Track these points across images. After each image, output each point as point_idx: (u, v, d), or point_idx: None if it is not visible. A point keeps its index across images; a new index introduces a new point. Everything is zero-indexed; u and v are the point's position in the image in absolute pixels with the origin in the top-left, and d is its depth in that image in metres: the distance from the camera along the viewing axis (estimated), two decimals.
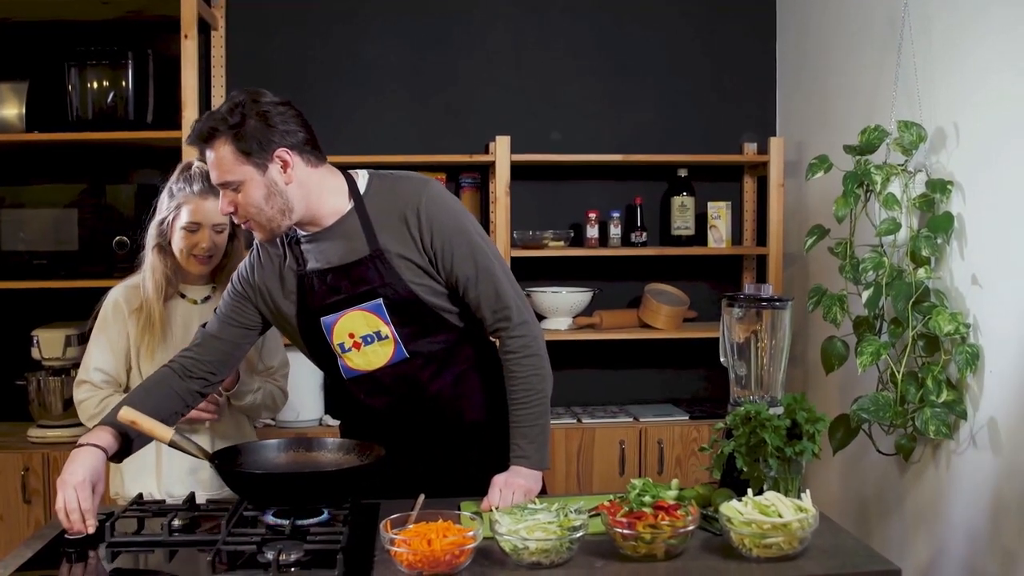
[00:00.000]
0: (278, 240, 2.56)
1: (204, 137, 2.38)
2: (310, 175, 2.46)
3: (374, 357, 2.56)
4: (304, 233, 2.53)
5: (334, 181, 2.53)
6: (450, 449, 2.68)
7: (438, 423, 2.63)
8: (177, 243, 2.87)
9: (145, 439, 2.50)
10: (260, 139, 2.36)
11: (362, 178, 2.57)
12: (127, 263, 3.73)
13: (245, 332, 2.65)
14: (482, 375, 2.67)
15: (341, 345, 2.56)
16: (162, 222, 2.88)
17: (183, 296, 2.97)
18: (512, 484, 2.45)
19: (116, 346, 2.91)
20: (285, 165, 2.40)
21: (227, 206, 2.43)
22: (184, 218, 2.85)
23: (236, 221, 2.48)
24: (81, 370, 2.94)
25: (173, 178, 2.91)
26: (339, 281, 2.51)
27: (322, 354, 2.63)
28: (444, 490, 2.54)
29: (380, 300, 2.50)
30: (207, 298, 2.99)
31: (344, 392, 2.68)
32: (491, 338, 2.64)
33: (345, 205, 2.52)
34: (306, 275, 2.54)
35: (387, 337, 2.53)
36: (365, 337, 2.54)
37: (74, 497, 2.28)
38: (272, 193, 2.40)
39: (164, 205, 2.89)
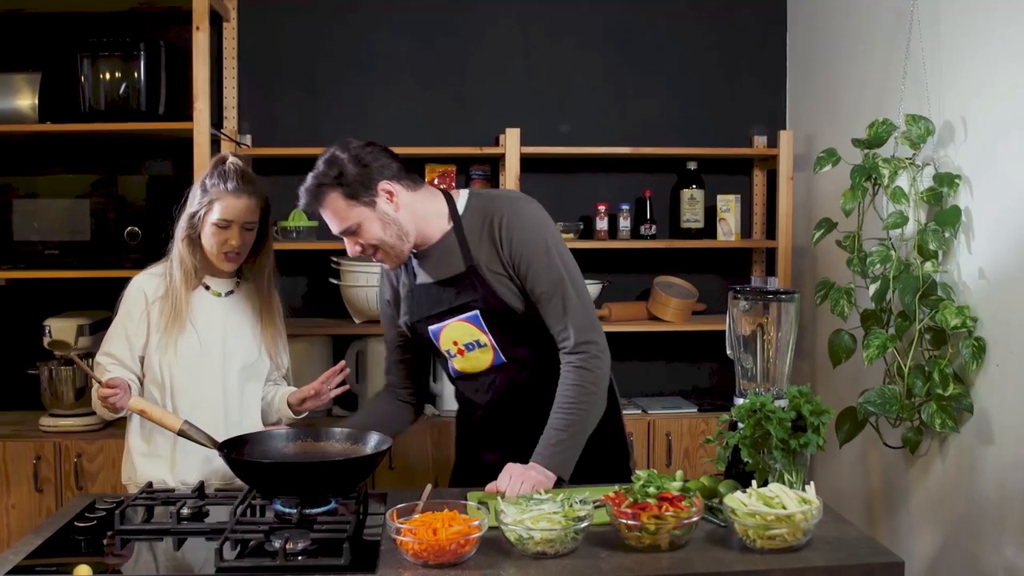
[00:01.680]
0: None
1: (312, 199, 2.66)
2: (414, 199, 2.71)
3: (476, 362, 2.79)
4: (415, 251, 2.77)
5: (435, 202, 2.77)
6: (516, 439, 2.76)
7: (535, 421, 2.69)
8: (207, 238, 2.88)
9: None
10: (362, 180, 2.63)
11: (462, 198, 2.79)
12: (139, 253, 3.75)
13: (409, 344, 2.94)
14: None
15: (448, 351, 2.81)
16: (193, 215, 2.88)
17: (207, 288, 2.97)
18: (524, 475, 2.52)
19: (132, 332, 2.90)
20: (390, 195, 2.66)
21: (354, 248, 2.70)
22: (216, 215, 2.85)
23: (374, 260, 2.75)
24: (99, 354, 2.94)
25: (209, 172, 2.92)
26: (442, 294, 2.75)
27: (436, 354, 2.89)
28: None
29: (476, 312, 2.72)
30: (230, 292, 3.01)
31: (456, 387, 2.94)
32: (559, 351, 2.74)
33: (446, 224, 2.75)
34: (415, 288, 2.81)
35: (486, 345, 2.75)
36: (467, 345, 2.77)
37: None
38: (387, 223, 2.66)
39: (196, 198, 2.89)
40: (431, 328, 2.79)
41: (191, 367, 2.87)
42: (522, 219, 2.71)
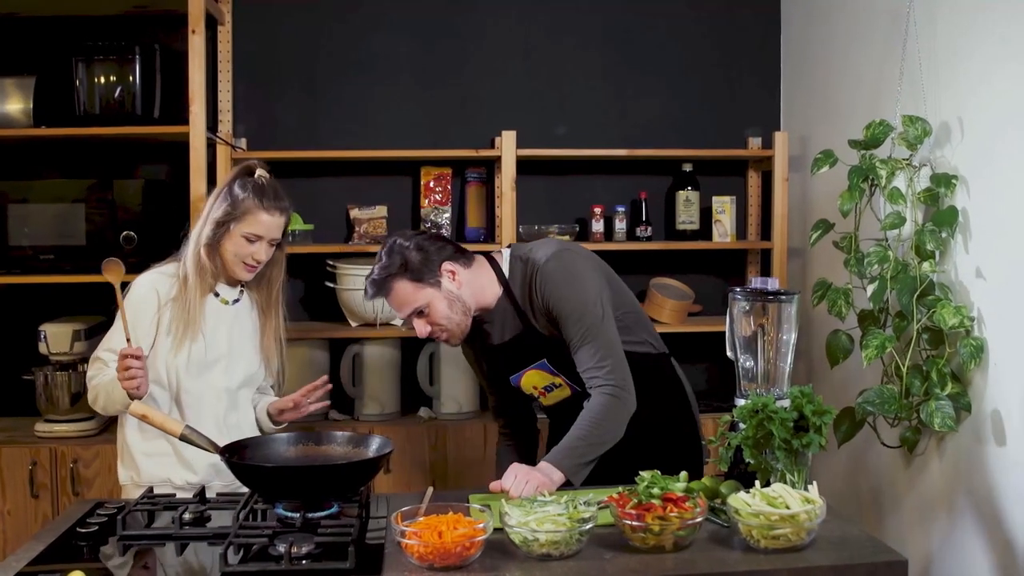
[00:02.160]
0: None
1: (381, 289, 2.84)
2: (470, 275, 2.89)
3: (558, 397, 2.96)
4: (478, 315, 2.93)
5: (486, 271, 2.93)
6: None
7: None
8: (232, 247, 2.87)
9: None
10: (426, 264, 2.82)
11: (504, 259, 2.96)
12: (134, 258, 3.74)
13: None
14: (646, 398, 2.85)
15: (532, 395, 3.00)
16: (222, 223, 2.86)
17: (217, 295, 2.95)
18: (529, 475, 2.55)
19: (141, 332, 2.83)
20: (452, 274, 2.84)
21: (424, 329, 2.86)
22: (248, 228, 2.85)
23: (437, 338, 2.89)
24: (99, 347, 2.89)
25: (233, 179, 2.92)
26: (512, 351, 2.93)
27: (517, 394, 3.05)
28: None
29: (544, 360, 2.89)
30: (237, 300, 2.99)
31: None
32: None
33: (498, 289, 2.93)
34: (488, 349, 2.99)
35: (561, 385, 2.91)
36: (546, 387, 2.94)
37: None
38: (452, 301, 2.84)
39: (224, 206, 2.87)
40: (512, 378, 2.97)
41: (197, 372, 2.86)
42: (552, 275, 2.83)
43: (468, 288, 2.87)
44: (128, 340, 2.68)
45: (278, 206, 2.91)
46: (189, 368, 2.85)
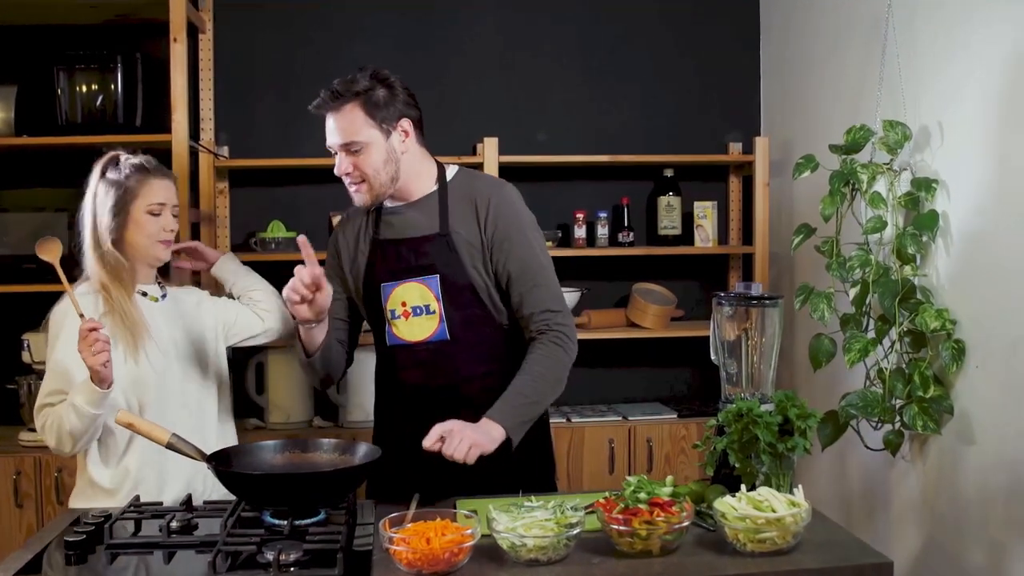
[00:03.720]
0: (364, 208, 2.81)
1: (332, 103, 2.67)
2: (417, 151, 2.76)
3: (418, 329, 2.74)
4: (389, 204, 2.79)
5: (429, 163, 2.80)
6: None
7: (459, 411, 2.62)
8: (140, 231, 2.78)
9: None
10: (388, 106, 2.68)
11: (451, 169, 2.83)
12: None
13: (348, 303, 2.92)
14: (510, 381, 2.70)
15: (392, 312, 2.76)
16: (119, 211, 2.75)
17: (144, 294, 2.85)
18: (462, 433, 2.47)
19: (82, 364, 2.58)
20: (405, 134, 2.71)
21: (345, 167, 2.69)
22: (147, 199, 2.77)
23: (348, 182, 2.71)
24: (39, 396, 2.70)
25: (103, 172, 2.79)
26: (406, 252, 2.74)
27: (375, 319, 2.83)
28: (447, 485, 2.57)
29: (437, 276, 2.70)
30: (164, 295, 2.90)
31: (383, 363, 2.87)
32: (527, 334, 2.73)
33: (431, 187, 2.78)
34: (379, 243, 2.79)
35: (434, 313, 2.72)
36: (415, 308, 2.73)
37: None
38: (390, 159, 2.69)
39: (111, 196, 2.76)
40: (384, 285, 2.76)
41: (156, 383, 2.77)
42: (509, 202, 2.76)
43: (408, 159, 2.73)
44: (82, 316, 2.53)
45: (164, 172, 2.84)
46: (150, 380, 2.74)
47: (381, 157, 2.69)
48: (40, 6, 3.88)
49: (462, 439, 2.45)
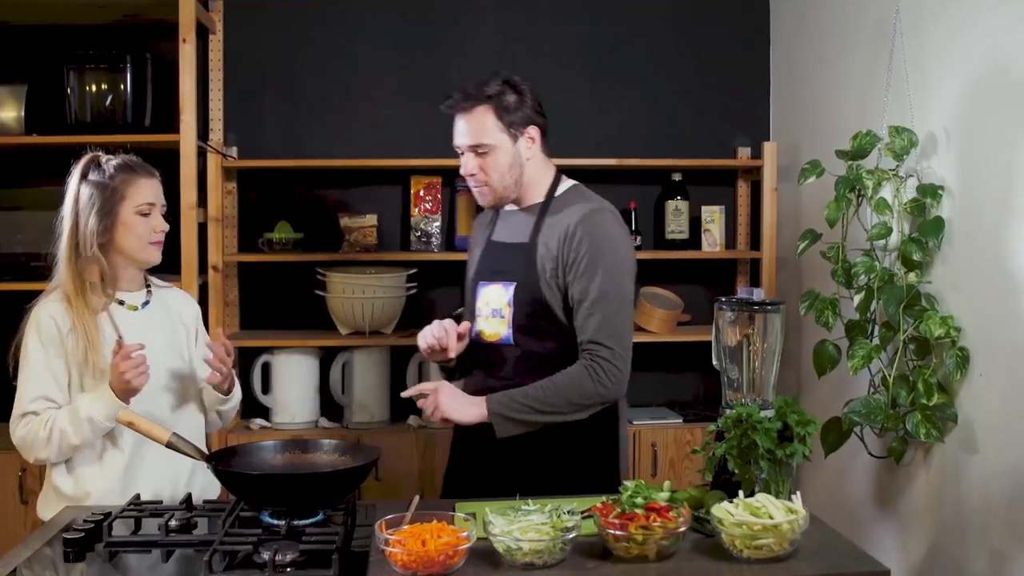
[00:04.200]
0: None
1: (464, 103, 2.77)
2: (539, 160, 2.86)
3: (491, 329, 2.85)
4: (507, 208, 2.90)
5: (548, 173, 2.90)
6: (508, 449, 2.77)
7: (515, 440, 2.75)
8: (129, 233, 2.70)
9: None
10: (518, 111, 2.77)
11: (565, 183, 2.91)
12: None
13: None
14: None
15: (480, 310, 2.88)
16: (107, 212, 2.67)
17: (122, 303, 2.77)
18: (438, 398, 2.68)
19: (57, 369, 2.65)
20: (532, 141, 2.81)
21: (471, 168, 2.79)
22: (136, 199, 2.70)
23: (473, 184, 2.81)
24: (17, 404, 2.65)
25: (84, 174, 2.73)
26: (499, 256, 2.87)
27: (471, 313, 2.93)
28: (515, 481, 2.58)
29: (514, 284, 2.79)
30: (146, 303, 2.83)
31: (466, 355, 2.93)
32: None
33: (541, 197, 2.86)
34: (490, 243, 2.93)
35: (505, 317, 2.80)
36: (493, 310, 2.83)
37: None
38: (515, 164, 2.79)
39: (97, 197, 2.68)
40: (480, 284, 2.89)
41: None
42: (597, 226, 2.76)
43: (531, 167, 2.83)
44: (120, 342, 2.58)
45: (148, 169, 2.77)
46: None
47: (507, 161, 2.77)
48: (50, 6, 3.90)
49: (436, 403, 2.65)
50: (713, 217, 4.41)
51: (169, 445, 2.49)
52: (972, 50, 3.02)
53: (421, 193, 4.36)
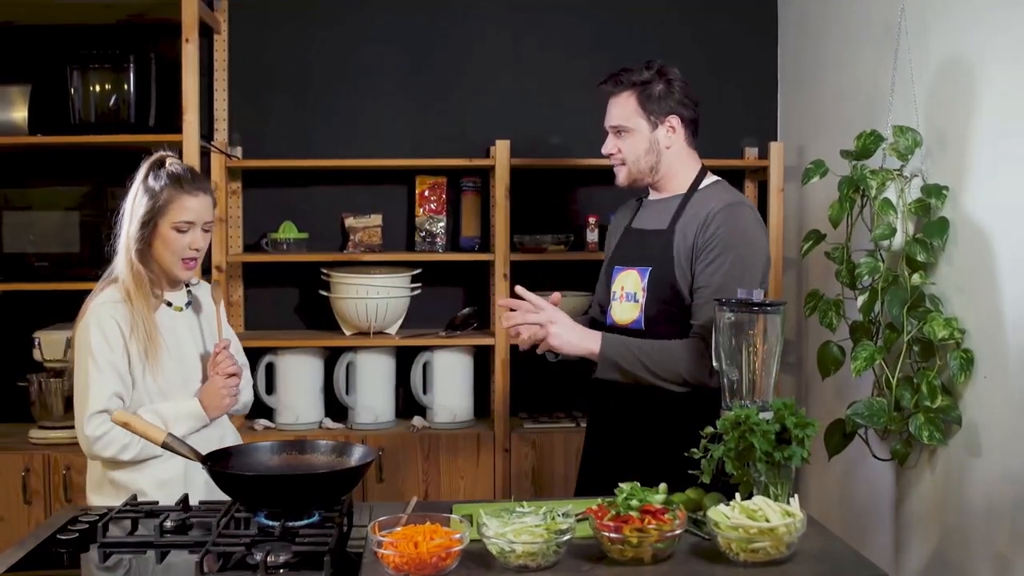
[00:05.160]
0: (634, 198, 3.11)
1: (615, 85, 2.92)
2: (684, 150, 2.95)
3: (625, 314, 2.91)
4: (650, 197, 3.02)
5: (692, 165, 2.98)
6: (625, 438, 2.89)
7: (642, 402, 2.85)
8: (164, 245, 2.74)
9: None
10: (661, 101, 2.88)
11: (709, 178, 2.98)
12: None
13: None
14: (680, 396, 2.81)
15: (614, 293, 2.96)
16: (147, 222, 2.71)
17: (169, 304, 2.83)
18: (551, 331, 2.75)
19: (123, 368, 2.71)
20: (672, 130, 2.90)
21: (611, 147, 2.95)
22: (175, 217, 2.71)
23: (612, 162, 2.96)
24: (89, 401, 2.68)
25: (145, 175, 2.75)
26: (637, 242, 2.95)
27: (606, 299, 3.01)
28: (651, 476, 2.52)
29: (649, 268, 2.86)
30: (189, 303, 2.89)
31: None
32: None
33: (684, 189, 2.94)
34: (628, 230, 3.03)
35: (638, 301, 2.86)
36: (628, 294, 2.91)
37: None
38: (652, 149, 2.91)
39: (144, 204, 2.71)
40: (616, 268, 2.97)
41: (174, 393, 2.77)
42: (733, 219, 2.82)
43: (672, 156, 2.92)
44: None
45: (200, 187, 2.76)
46: (168, 391, 2.76)
47: (643, 146, 2.90)
48: (54, 6, 3.91)
49: (545, 332, 2.75)
50: None
51: (165, 446, 2.48)
52: (977, 49, 3.00)
53: (426, 193, 4.35)
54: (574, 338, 2.78)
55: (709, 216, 2.81)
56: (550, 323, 2.77)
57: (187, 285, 2.93)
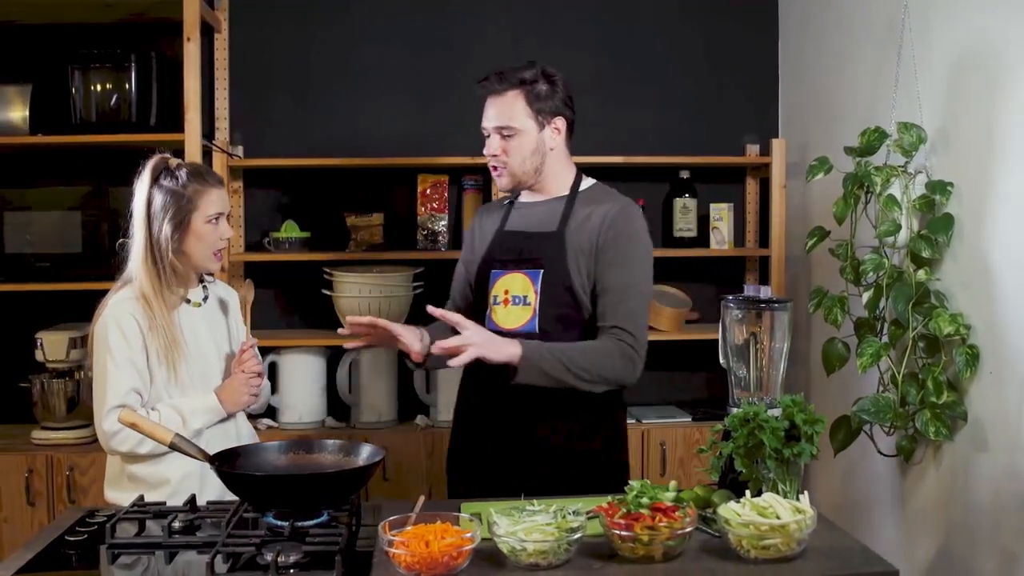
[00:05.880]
0: (504, 200, 3.04)
1: (498, 85, 2.81)
2: (562, 153, 2.90)
3: (513, 317, 2.84)
4: (523, 199, 2.96)
5: (570, 167, 2.94)
6: (520, 449, 2.83)
7: (533, 406, 2.79)
8: (199, 241, 2.77)
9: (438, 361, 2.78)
10: (548, 100, 2.82)
11: (588, 180, 2.96)
12: None
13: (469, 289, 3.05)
14: (579, 401, 2.80)
15: (495, 298, 2.88)
16: (179, 222, 2.74)
17: (188, 301, 2.86)
18: (475, 341, 2.62)
19: (141, 364, 2.73)
20: (557, 132, 2.85)
21: (495, 148, 2.84)
22: (207, 210, 2.77)
23: (493, 164, 2.85)
24: (107, 397, 2.70)
25: (155, 178, 2.76)
26: (521, 244, 2.86)
27: (480, 305, 2.93)
28: (523, 482, 2.61)
29: (540, 271, 2.80)
30: (206, 298, 2.92)
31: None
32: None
33: (564, 191, 2.90)
34: (503, 233, 2.93)
35: (530, 304, 2.81)
36: (515, 297, 2.84)
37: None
38: (537, 151, 2.83)
39: (169, 206, 2.73)
40: (494, 272, 2.89)
41: (192, 389, 2.80)
42: (629, 218, 2.83)
43: (553, 158, 2.87)
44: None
45: (217, 178, 2.86)
46: (188, 388, 2.80)
47: (530, 147, 2.82)
48: (55, 5, 3.90)
49: (472, 344, 2.60)
50: (721, 215, 4.39)
51: (172, 446, 2.48)
52: (981, 46, 2.99)
53: (428, 192, 4.35)
54: (493, 344, 2.68)
55: (607, 217, 2.80)
56: (471, 338, 2.64)
57: (201, 280, 2.94)
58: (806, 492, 2.28)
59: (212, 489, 2.72)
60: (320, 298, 4.21)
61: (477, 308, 2.96)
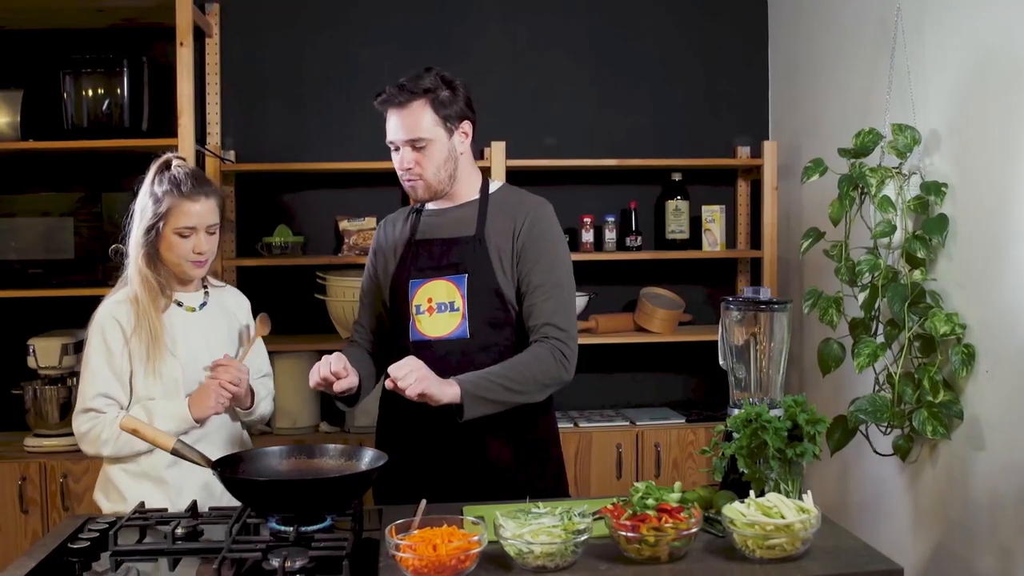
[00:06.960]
0: (407, 210, 2.98)
1: (399, 97, 2.75)
2: (469, 157, 2.88)
3: (440, 325, 2.79)
4: (432, 206, 2.90)
5: (476, 171, 2.92)
6: (464, 453, 2.79)
7: (451, 427, 2.69)
8: (169, 249, 2.74)
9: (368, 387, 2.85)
10: (452, 106, 2.78)
11: (496, 182, 2.96)
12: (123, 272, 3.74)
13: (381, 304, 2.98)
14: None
15: (418, 307, 2.81)
16: (150, 228, 2.72)
17: (179, 304, 2.83)
18: (423, 373, 2.53)
19: (119, 368, 2.72)
20: (466, 136, 2.83)
21: (407, 161, 2.77)
22: (177, 222, 2.71)
23: (407, 178, 2.79)
24: (80, 398, 2.73)
25: (152, 179, 2.75)
26: (438, 251, 2.82)
27: (398, 317, 2.87)
28: (454, 490, 2.66)
29: (465, 276, 2.77)
30: (203, 304, 2.88)
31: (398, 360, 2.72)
32: (531, 342, 2.78)
33: (474, 195, 2.87)
34: (415, 242, 2.87)
35: (458, 310, 2.78)
36: (440, 304, 2.80)
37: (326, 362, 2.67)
38: (450, 158, 2.79)
39: (148, 210, 2.72)
40: (412, 282, 2.82)
41: (177, 393, 2.75)
42: (546, 217, 2.83)
43: (463, 162, 2.84)
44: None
45: (201, 191, 2.74)
46: (170, 390, 2.75)
47: (443, 155, 2.78)
48: (46, 10, 3.88)
49: (419, 378, 2.51)
50: (713, 217, 4.40)
51: (174, 452, 2.48)
52: (975, 46, 3.01)
53: None
54: (438, 388, 2.56)
55: (527, 217, 2.80)
56: (420, 369, 2.56)
57: (204, 286, 2.92)
58: (809, 492, 2.29)
59: (188, 497, 2.69)
60: (313, 303, 4.20)
61: (393, 322, 2.92)
